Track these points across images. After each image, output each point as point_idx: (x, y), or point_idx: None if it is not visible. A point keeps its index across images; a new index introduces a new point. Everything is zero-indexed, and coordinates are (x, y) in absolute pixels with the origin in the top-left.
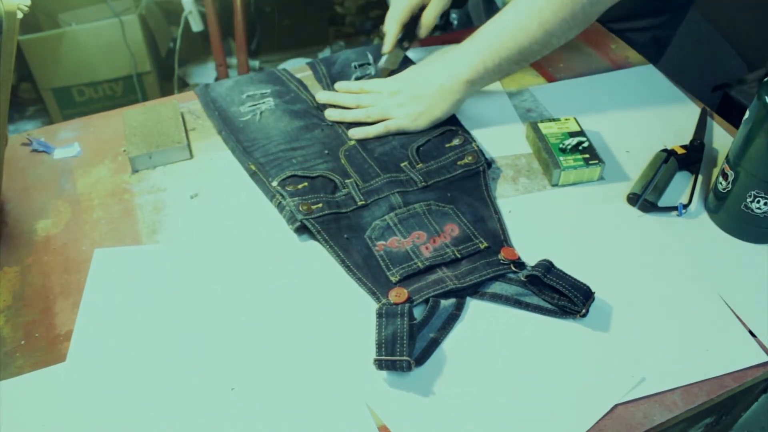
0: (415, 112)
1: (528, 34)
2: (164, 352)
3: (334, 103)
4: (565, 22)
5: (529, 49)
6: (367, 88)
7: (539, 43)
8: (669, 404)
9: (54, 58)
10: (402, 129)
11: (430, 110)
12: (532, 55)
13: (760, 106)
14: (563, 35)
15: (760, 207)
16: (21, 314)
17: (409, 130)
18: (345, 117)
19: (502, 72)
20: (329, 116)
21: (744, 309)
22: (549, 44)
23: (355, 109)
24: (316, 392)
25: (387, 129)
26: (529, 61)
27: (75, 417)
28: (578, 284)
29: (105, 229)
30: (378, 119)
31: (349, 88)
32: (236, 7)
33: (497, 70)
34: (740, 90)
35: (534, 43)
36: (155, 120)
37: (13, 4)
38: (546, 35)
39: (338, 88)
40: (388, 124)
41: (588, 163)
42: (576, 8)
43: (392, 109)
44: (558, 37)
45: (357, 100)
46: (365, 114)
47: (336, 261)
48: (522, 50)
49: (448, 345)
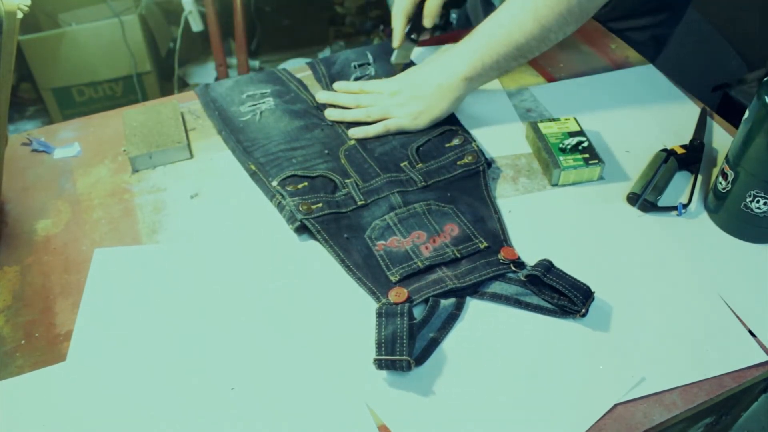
0: (415, 111)
1: (524, 30)
2: (164, 351)
3: (334, 103)
4: (561, 16)
5: (526, 45)
6: (366, 88)
7: (536, 38)
8: (668, 404)
9: (54, 58)
10: (402, 128)
11: (429, 109)
12: (530, 51)
13: (760, 105)
14: (560, 30)
15: (760, 207)
16: (21, 314)
17: (409, 129)
18: (345, 117)
19: (501, 69)
20: (329, 116)
21: (744, 309)
22: (546, 40)
23: (355, 109)
24: (316, 392)
25: (387, 128)
26: (527, 57)
27: (75, 417)
28: (578, 284)
29: (105, 229)
30: (378, 119)
31: (348, 89)
32: (236, 7)
33: (495, 66)
34: (740, 90)
35: (531, 39)
36: (155, 120)
37: (13, 4)
38: (542, 31)
39: (337, 88)
40: (388, 124)
41: (588, 162)
42: (572, 3)
43: (392, 109)
44: (555, 32)
45: (357, 100)
46: (365, 114)
47: (336, 261)
48: (519, 46)
49: (448, 345)
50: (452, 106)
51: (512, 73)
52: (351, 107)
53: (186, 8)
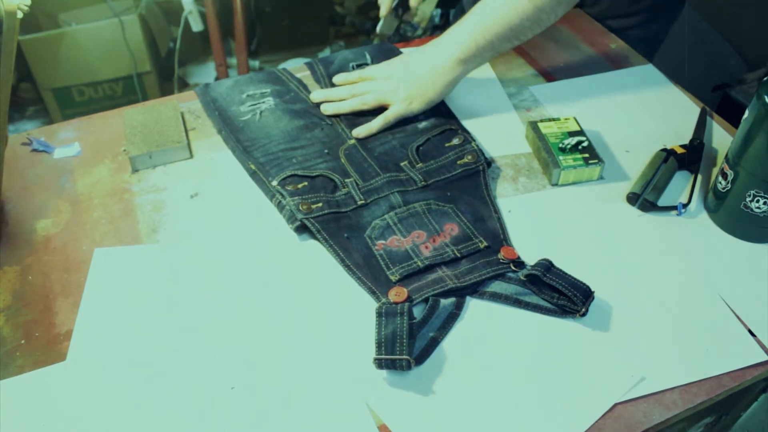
0: (409, 94)
1: (518, 10)
2: (164, 351)
3: (329, 100)
4: None
5: (519, 25)
6: (363, 75)
7: (529, 18)
8: (668, 403)
9: (54, 58)
10: (400, 115)
11: (424, 92)
12: (523, 32)
13: (760, 105)
14: (552, 11)
15: (760, 206)
16: (21, 314)
17: (406, 115)
18: (341, 108)
19: (494, 50)
20: (324, 110)
21: (743, 308)
22: (539, 20)
23: (349, 99)
24: (316, 391)
25: (386, 119)
26: (521, 39)
27: (75, 417)
28: (578, 283)
29: (105, 228)
30: (374, 105)
31: (347, 79)
32: (236, 7)
33: (489, 47)
34: (740, 90)
35: (524, 19)
36: (155, 120)
37: (13, 4)
38: (536, 11)
39: (336, 81)
40: (387, 115)
41: (588, 162)
42: None
43: (387, 94)
44: (547, 12)
45: (351, 90)
46: (361, 101)
47: (336, 260)
48: (513, 26)
49: (448, 344)
50: (447, 89)
51: (512, 73)
52: (346, 99)
53: (186, 8)
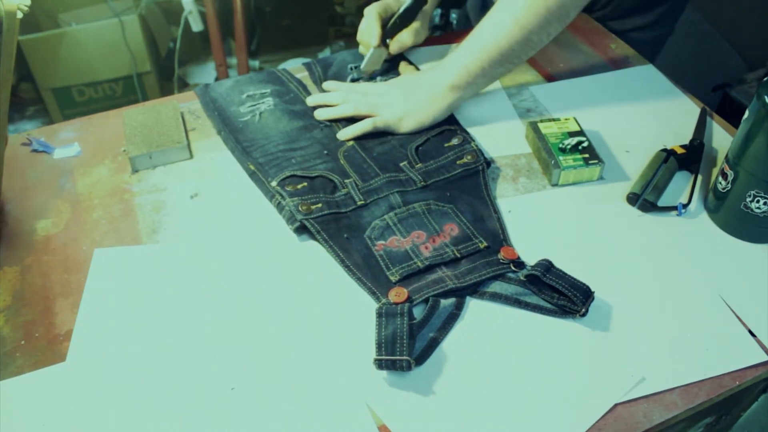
0: (402, 111)
1: (506, 34)
2: (164, 351)
3: (323, 104)
4: (541, 16)
5: (509, 49)
6: (357, 89)
7: (519, 42)
8: (668, 404)
9: (54, 58)
10: (388, 126)
11: (416, 113)
12: (515, 55)
13: (760, 105)
14: (542, 31)
15: (760, 207)
16: (21, 314)
17: (394, 129)
18: (334, 113)
19: (487, 75)
20: (318, 116)
21: (744, 308)
22: (529, 42)
23: (342, 105)
24: (316, 392)
25: (375, 125)
26: (514, 62)
27: (75, 417)
28: (578, 284)
29: (105, 229)
30: (366, 114)
31: (339, 87)
32: (236, 7)
33: (482, 74)
34: (740, 90)
35: (514, 43)
36: (155, 120)
37: (13, 4)
38: (524, 32)
39: (326, 87)
40: (375, 120)
41: (588, 162)
42: (549, 2)
43: (380, 107)
44: (537, 33)
45: (345, 97)
46: (354, 108)
47: (336, 261)
48: (502, 51)
49: (448, 344)
50: (440, 115)
51: (512, 73)
52: (339, 104)
53: (186, 8)
